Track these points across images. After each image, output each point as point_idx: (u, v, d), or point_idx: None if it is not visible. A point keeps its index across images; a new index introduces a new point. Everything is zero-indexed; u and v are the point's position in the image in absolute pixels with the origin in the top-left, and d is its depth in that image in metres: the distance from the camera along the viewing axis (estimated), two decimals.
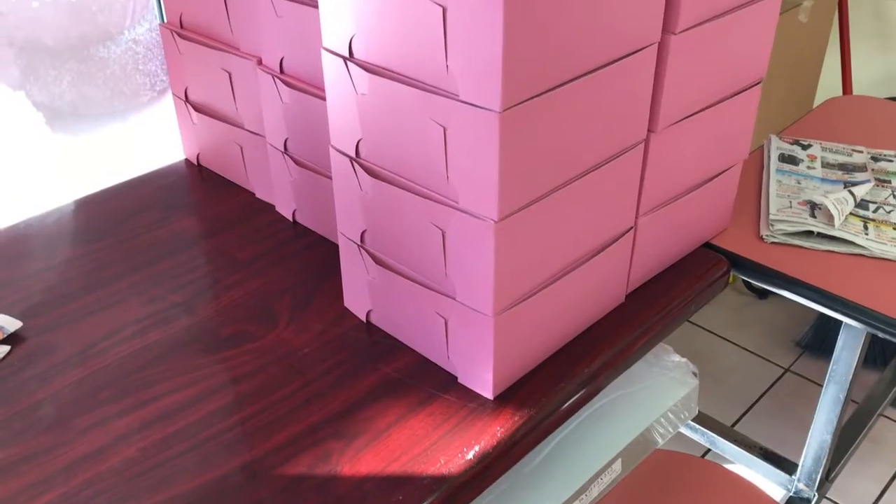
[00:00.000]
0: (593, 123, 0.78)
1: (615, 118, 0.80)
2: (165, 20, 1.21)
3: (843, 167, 1.25)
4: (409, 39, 0.72)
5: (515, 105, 0.68)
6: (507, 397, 0.82)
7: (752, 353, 1.95)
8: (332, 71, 0.81)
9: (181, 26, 1.16)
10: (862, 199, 1.16)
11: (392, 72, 0.76)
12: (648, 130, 0.86)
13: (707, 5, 0.84)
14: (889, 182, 1.22)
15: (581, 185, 0.79)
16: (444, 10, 0.67)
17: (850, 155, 1.29)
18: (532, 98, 0.69)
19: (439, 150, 0.74)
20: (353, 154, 0.84)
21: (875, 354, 1.77)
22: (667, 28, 0.82)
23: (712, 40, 0.87)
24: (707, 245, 1.08)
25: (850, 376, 1.16)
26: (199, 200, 1.19)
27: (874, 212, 1.14)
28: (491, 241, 0.73)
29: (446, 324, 0.82)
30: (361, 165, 0.83)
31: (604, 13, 0.72)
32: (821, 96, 2.06)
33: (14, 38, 1.10)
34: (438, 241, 0.78)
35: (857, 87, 2.09)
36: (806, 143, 1.32)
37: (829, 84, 2.09)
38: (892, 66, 2.12)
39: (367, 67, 0.77)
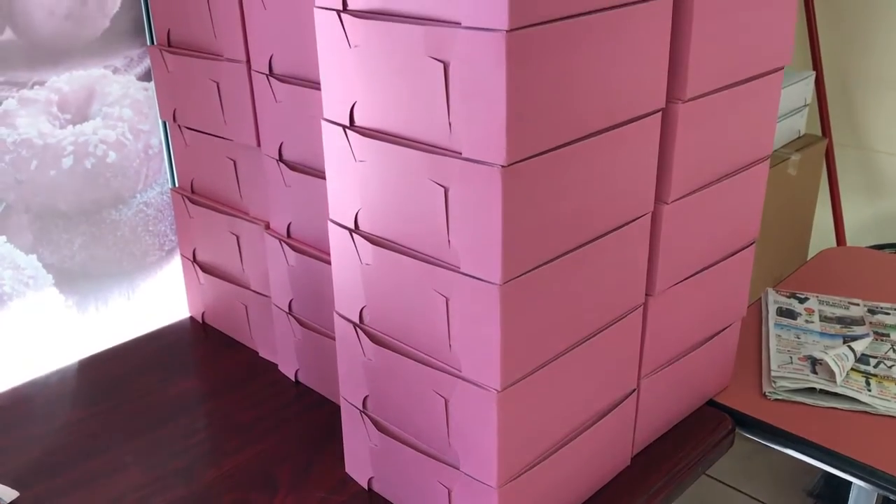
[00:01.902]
0: (592, 290, 0.79)
1: (614, 284, 0.82)
2: (177, 184, 1.26)
3: (841, 320, 1.27)
4: (413, 215, 0.75)
5: (515, 278, 0.70)
6: None
7: (762, 503, 1.90)
8: (338, 241, 0.83)
9: (192, 191, 1.21)
10: (862, 354, 1.16)
11: (396, 244, 0.78)
12: (646, 294, 0.88)
13: (698, 174, 0.88)
14: (888, 335, 1.23)
15: (582, 351, 0.80)
16: (446, 191, 0.70)
17: (848, 308, 1.30)
18: (531, 270, 0.71)
19: (442, 319, 0.75)
20: (356, 320, 0.85)
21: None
22: (659, 198, 0.85)
23: (705, 206, 0.90)
24: (710, 402, 1.08)
25: None
26: (203, 359, 1.20)
27: (875, 367, 1.14)
28: (494, 410, 0.73)
29: (450, 494, 0.81)
30: (365, 332, 0.84)
31: (598, 191, 0.76)
32: (814, 244, 2.10)
33: (30, 205, 1.14)
34: (441, 410, 0.78)
35: (849, 233, 2.13)
36: (803, 297, 1.33)
37: (821, 233, 2.14)
38: (880, 213, 2.17)
39: (371, 239, 0.80)
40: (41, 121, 1.13)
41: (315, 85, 0.91)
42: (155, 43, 1.18)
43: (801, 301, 1.32)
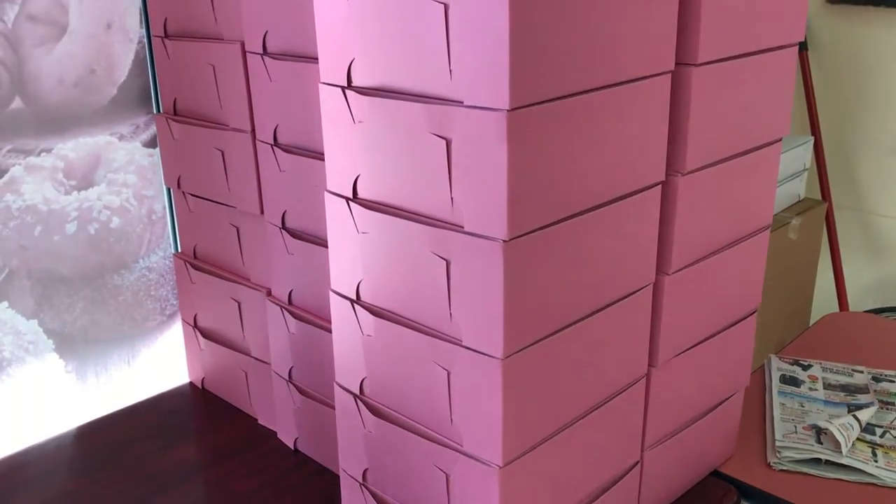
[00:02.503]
0: (594, 363, 0.79)
1: (616, 356, 0.82)
2: (180, 250, 1.26)
3: (845, 388, 1.26)
4: (415, 287, 0.75)
5: (517, 352, 0.70)
6: None
7: None
8: (340, 312, 0.83)
9: (194, 256, 1.21)
10: (868, 424, 1.15)
11: (398, 315, 0.78)
12: (649, 366, 0.88)
13: (699, 245, 0.88)
14: (893, 404, 1.22)
15: (585, 425, 0.80)
16: (448, 264, 0.71)
17: (851, 375, 1.29)
18: (533, 344, 0.71)
19: (443, 393, 0.75)
20: (357, 392, 0.85)
21: None
22: (661, 269, 0.85)
23: (706, 276, 0.91)
24: (714, 473, 1.07)
25: None
26: (201, 426, 1.18)
27: (881, 437, 1.13)
28: (496, 486, 0.72)
29: None
30: (365, 404, 0.84)
31: (599, 264, 0.76)
32: (816, 308, 2.09)
33: (33, 270, 1.15)
34: (442, 486, 0.77)
35: (851, 297, 2.13)
36: (806, 364, 1.33)
37: (823, 296, 2.14)
38: (883, 276, 2.17)
39: (373, 310, 0.80)
40: (47, 187, 1.14)
41: (319, 155, 0.92)
42: (161, 111, 1.20)
43: (805, 368, 1.31)
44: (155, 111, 1.23)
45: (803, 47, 2.07)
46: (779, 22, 0.88)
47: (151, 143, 1.23)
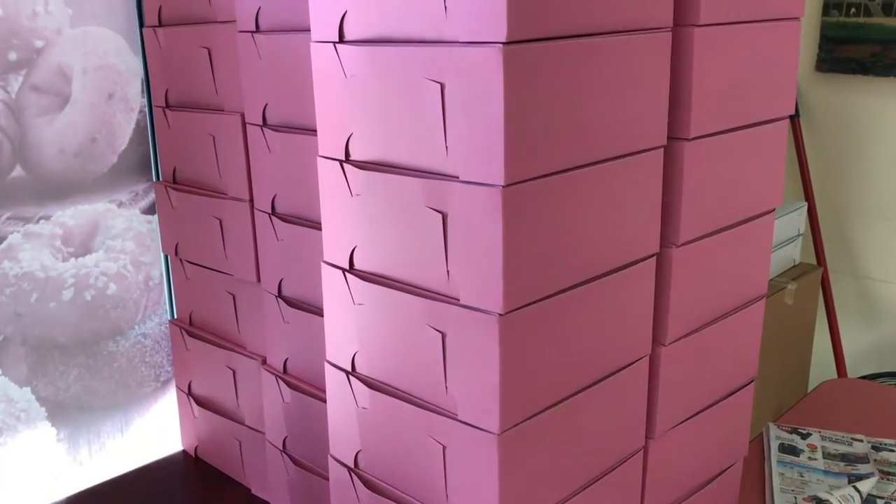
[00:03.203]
0: (591, 435, 0.79)
1: (613, 428, 0.81)
2: (176, 316, 1.26)
3: (844, 458, 1.24)
4: (410, 359, 0.75)
5: (513, 426, 0.69)
6: None
7: None
8: (335, 384, 0.83)
9: (190, 323, 1.21)
10: (868, 495, 1.13)
11: (393, 388, 0.78)
12: (646, 437, 0.87)
13: (695, 316, 0.88)
14: (894, 474, 1.20)
15: (582, 499, 0.79)
16: (444, 336, 0.71)
17: (851, 444, 1.28)
18: (529, 418, 0.71)
19: (438, 468, 0.74)
20: (351, 465, 0.84)
21: None
22: (657, 340, 0.85)
23: (703, 347, 0.90)
24: None
25: None
26: (194, 496, 1.17)
27: None
28: None
29: None
30: (360, 477, 0.83)
31: (595, 336, 0.76)
32: (814, 373, 2.09)
33: (28, 337, 1.14)
34: None
35: (848, 361, 2.12)
36: (805, 432, 1.32)
37: (821, 361, 2.13)
38: (880, 341, 2.17)
39: (368, 382, 0.80)
40: (44, 254, 1.14)
41: (316, 225, 0.92)
42: (161, 179, 1.21)
43: (804, 437, 1.30)
44: (154, 179, 1.24)
45: (795, 114, 2.10)
46: (769, 96, 0.90)
47: (150, 210, 1.24)
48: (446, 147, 0.68)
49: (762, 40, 0.86)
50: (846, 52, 2.06)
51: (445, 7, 0.65)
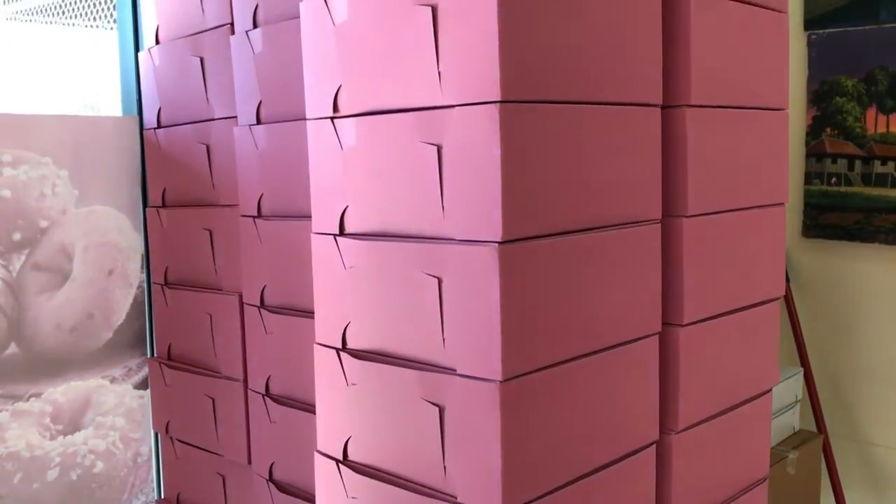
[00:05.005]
0: None
1: None
2: (163, 496, 1.22)
3: None
4: (406, 440, 0.72)
5: None
6: None
7: None
8: (324, 476, 0.80)
9: None
10: None
11: (387, 473, 0.74)
12: None
13: (702, 409, 0.85)
14: None
15: None
16: (441, 410, 0.68)
17: None
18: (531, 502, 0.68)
19: None
20: None
21: None
22: (663, 429, 0.82)
23: (713, 438, 0.86)
24: None
25: None
26: None
27: None
28: None
29: None
30: None
31: (598, 418, 0.73)
32: None
33: None
34: None
35: None
36: None
37: None
38: None
39: (359, 470, 0.76)
40: (31, 433, 1.12)
41: (311, 407, 0.91)
42: (155, 355, 1.20)
43: None
44: (148, 354, 1.23)
45: (785, 280, 2.13)
46: (763, 182, 0.90)
47: (142, 385, 1.23)
48: (443, 339, 0.69)
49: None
50: (830, 219, 2.11)
51: (443, 207, 0.67)
